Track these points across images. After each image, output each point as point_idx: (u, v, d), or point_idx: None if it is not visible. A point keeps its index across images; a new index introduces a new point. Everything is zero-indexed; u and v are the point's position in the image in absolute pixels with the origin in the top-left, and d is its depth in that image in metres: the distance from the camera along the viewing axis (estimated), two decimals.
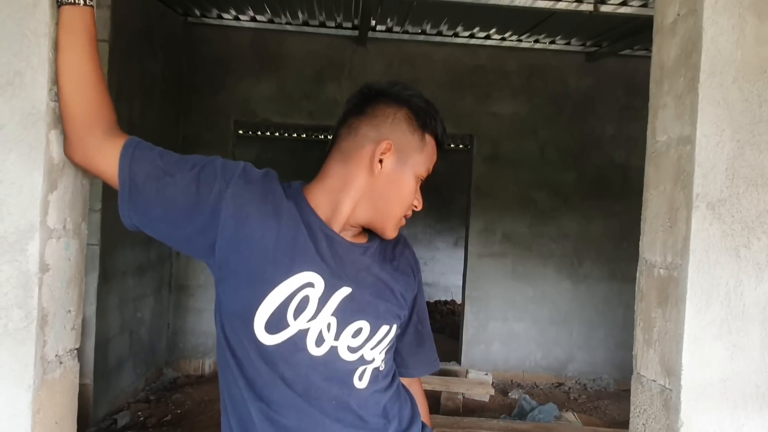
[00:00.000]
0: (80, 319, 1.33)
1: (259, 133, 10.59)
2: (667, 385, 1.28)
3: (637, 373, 1.42)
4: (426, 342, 1.39)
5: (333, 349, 1.15)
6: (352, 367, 1.18)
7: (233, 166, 1.16)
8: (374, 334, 1.19)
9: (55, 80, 1.14)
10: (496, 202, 6.13)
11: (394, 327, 1.24)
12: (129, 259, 4.78)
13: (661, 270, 1.33)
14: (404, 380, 1.38)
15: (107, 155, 1.13)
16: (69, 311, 1.27)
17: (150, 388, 5.34)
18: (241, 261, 1.13)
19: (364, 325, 1.18)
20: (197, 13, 5.58)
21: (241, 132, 9.49)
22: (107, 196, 4.12)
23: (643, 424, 1.37)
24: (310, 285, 1.14)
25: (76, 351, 1.32)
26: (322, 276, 1.14)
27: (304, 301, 1.13)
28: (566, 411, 4.88)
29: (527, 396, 5.22)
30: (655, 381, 1.33)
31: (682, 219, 1.25)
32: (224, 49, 5.83)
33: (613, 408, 5.55)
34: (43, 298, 1.15)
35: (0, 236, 1.12)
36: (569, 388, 6.12)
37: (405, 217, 1.26)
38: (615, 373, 6.18)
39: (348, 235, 1.23)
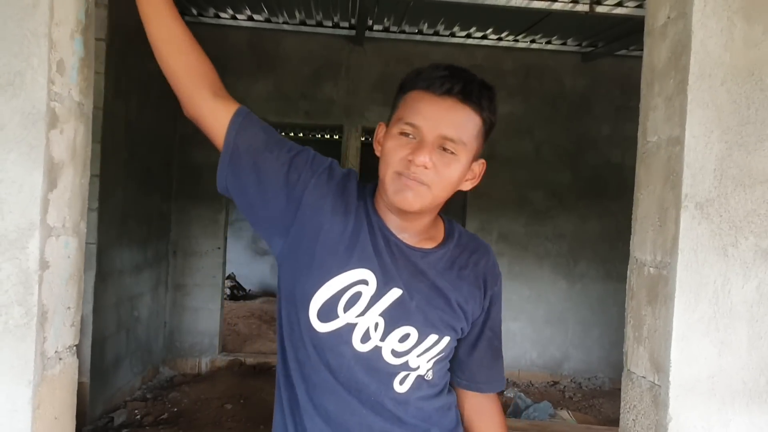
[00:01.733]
0: (79, 316, 1.35)
1: None
2: (656, 382, 1.30)
3: (628, 370, 1.44)
4: (499, 359, 1.35)
5: (377, 349, 1.17)
6: (394, 370, 1.19)
7: (322, 160, 1.23)
8: (422, 342, 1.19)
9: (152, 52, 1.21)
10: (492, 202, 6.14)
11: (447, 339, 1.22)
12: (126, 257, 4.78)
13: (651, 269, 1.35)
14: (477, 398, 1.34)
15: (218, 117, 1.19)
16: (68, 308, 1.29)
17: (147, 386, 5.35)
18: (307, 248, 1.17)
19: (412, 331, 1.18)
20: (194, 12, 5.58)
21: None
22: (104, 195, 4.13)
23: (633, 419, 1.39)
24: (364, 282, 1.16)
25: (75, 348, 1.34)
26: (375, 275, 1.17)
27: (356, 297, 1.16)
28: (561, 409, 4.90)
29: (522, 394, 5.24)
30: (644, 377, 1.35)
31: (671, 218, 1.28)
32: (221, 48, 5.83)
33: (608, 406, 5.58)
34: (43, 295, 1.16)
35: (0, 234, 1.14)
36: (564, 386, 6.15)
37: (402, 175, 1.13)
38: (610, 372, 6.20)
39: (411, 239, 1.22)
